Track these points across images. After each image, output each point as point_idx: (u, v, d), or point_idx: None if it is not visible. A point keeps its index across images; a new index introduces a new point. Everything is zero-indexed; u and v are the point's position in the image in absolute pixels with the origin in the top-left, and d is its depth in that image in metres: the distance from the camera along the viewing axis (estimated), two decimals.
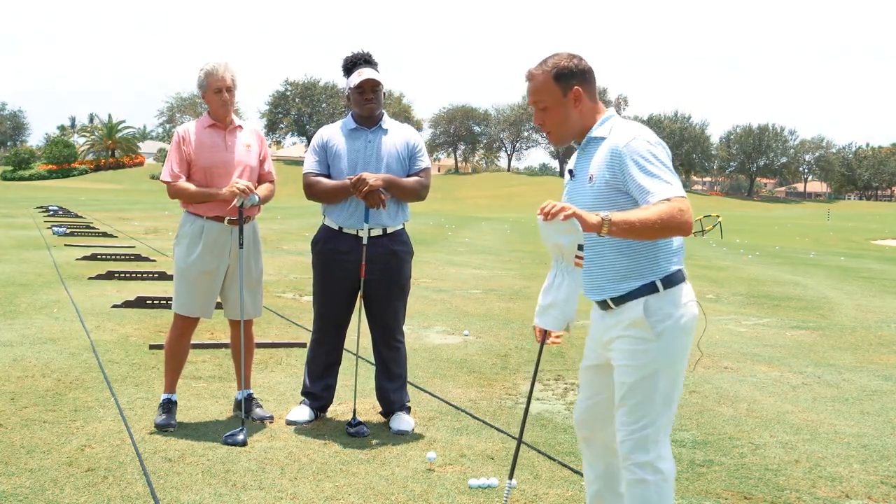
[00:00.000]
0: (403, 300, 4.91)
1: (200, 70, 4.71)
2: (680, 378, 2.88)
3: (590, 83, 2.95)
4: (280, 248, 16.92)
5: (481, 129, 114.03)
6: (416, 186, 4.77)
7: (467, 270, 13.83)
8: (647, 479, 2.80)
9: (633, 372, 2.83)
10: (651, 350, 2.81)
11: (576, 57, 2.94)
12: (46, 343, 6.71)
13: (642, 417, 2.81)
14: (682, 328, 2.83)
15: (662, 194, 2.68)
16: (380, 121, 4.80)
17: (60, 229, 18.15)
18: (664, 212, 2.65)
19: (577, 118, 2.94)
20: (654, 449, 2.81)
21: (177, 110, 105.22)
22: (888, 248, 32.08)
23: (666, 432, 2.86)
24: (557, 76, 2.90)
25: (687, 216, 2.67)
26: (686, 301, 2.86)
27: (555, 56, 2.95)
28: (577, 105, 2.92)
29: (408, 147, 4.81)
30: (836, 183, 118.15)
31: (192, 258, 4.71)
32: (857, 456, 4.63)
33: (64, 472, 3.91)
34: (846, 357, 7.53)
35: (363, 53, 4.80)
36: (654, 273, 2.84)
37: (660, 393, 2.82)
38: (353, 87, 4.72)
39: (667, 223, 2.65)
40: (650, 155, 2.75)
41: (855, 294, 12.81)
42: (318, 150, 4.81)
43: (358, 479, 3.99)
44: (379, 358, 4.92)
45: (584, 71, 2.93)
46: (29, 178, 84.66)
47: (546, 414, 5.25)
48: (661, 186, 2.70)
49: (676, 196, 2.68)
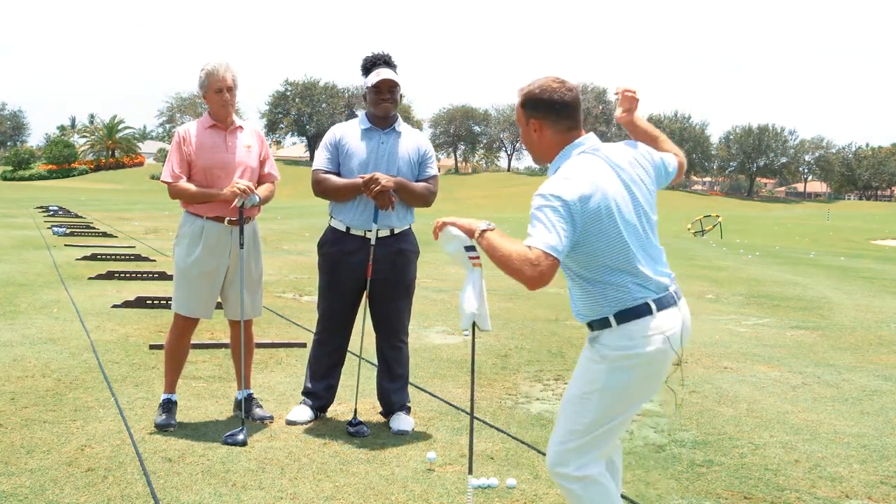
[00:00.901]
0: (408, 300, 4.91)
1: (201, 70, 4.71)
2: (618, 409, 2.82)
3: (557, 116, 2.85)
4: (280, 248, 16.93)
5: (481, 129, 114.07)
6: (424, 192, 4.77)
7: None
8: (571, 489, 2.84)
9: (576, 386, 2.88)
10: (596, 372, 2.82)
11: (557, 90, 2.84)
12: (46, 343, 6.71)
13: (570, 433, 2.84)
14: (630, 360, 2.78)
15: (530, 241, 2.65)
16: (394, 123, 4.80)
17: (60, 229, 18.15)
18: (515, 253, 2.63)
19: (540, 145, 2.93)
20: (574, 460, 2.82)
21: (177, 110, 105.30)
22: (888, 248, 32.07)
23: (594, 446, 2.84)
24: (524, 103, 2.90)
25: (524, 268, 2.60)
26: (645, 335, 2.77)
27: (539, 81, 2.89)
28: (538, 134, 2.90)
29: (419, 152, 4.81)
30: (836, 183, 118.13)
31: (192, 258, 4.71)
32: (857, 456, 4.63)
33: (64, 472, 3.92)
34: (846, 357, 7.53)
35: (383, 54, 4.80)
36: (607, 309, 2.81)
37: (591, 414, 2.81)
38: (370, 87, 4.72)
39: (509, 263, 2.64)
40: (536, 209, 2.70)
41: (855, 294, 12.81)
42: (329, 148, 4.80)
43: (358, 479, 3.99)
44: (381, 357, 4.93)
45: (553, 103, 2.83)
46: (29, 178, 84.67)
47: (546, 414, 5.25)
48: (530, 237, 2.67)
49: (537, 248, 2.62)
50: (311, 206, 47.04)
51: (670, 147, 3.17)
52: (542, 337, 7.84)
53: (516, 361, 6.76)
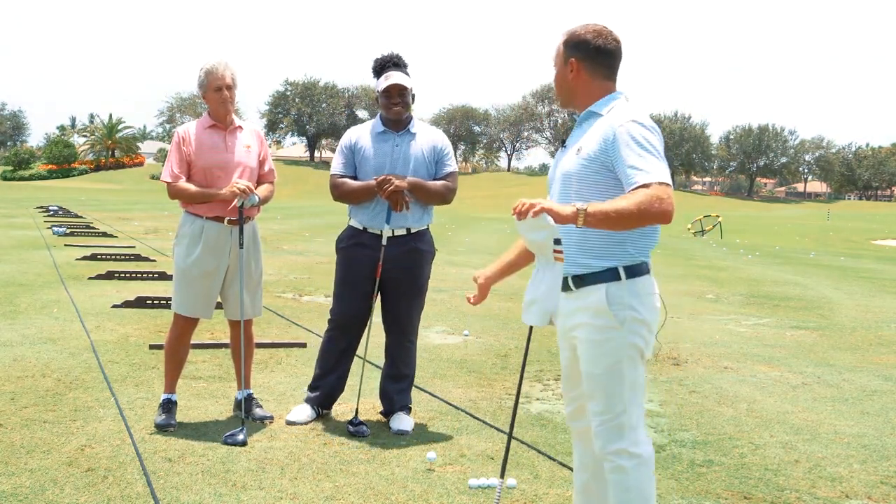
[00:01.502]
0: (420, 300, 4.89)
1: (200, 69, 4.71)
2: (643, 365, 2.90)
3: (596, 61, 2.93)
4: (280, 248, 16.93)
5: (481, 129, 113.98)
6: (441, 190, 4.76)
7: (467, 270, 13.84)
8: (624, 466, 2.82)
9: (599, 362, 2.85)
10: (614, 338, 2.82)
11: (601, 35, 2.93)
12: (46, 343, 6.70)
13: (614, 406, 2.83)
14: (643, 319, 2.85)
15: (644, 179, 2.67)
16: (408, 124, 4.78)
17: (60, 229, 18.14)
18: (642, 201, 2.63)
19: (573, 87, 2.98)
20: (629, 435, 2.83)
21: (177, 110, 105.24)
22: (888, 248, 32.07)
23: (640, 416, 2.87)
24: (566, 43, 2.97)
25: (665, 205, 2.64)
26: (648, 293, 2.87)
27: (587, 24, 2.98)
28: (575, 76, 2.95)
29: (434, 151, 4.79)
30: (836, 183, 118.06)
31: (192, 258, 4.71)
32: (857, 456, 4.63)
33: (64, 472, 3.91)
34: (846, 357, 7.53)
35: (393, 55, 4.77)
36: (619, 258, 2.84)
37: (627, 380, 2.84)
38: (380, 91, 4.70)
39: (644, 213, 2.64)
40: (642, 139, 2.75)
41: (855, 294, 12.81)
42: (345, 152, 4.79)
43: (358, 479, 3.99)
44: (389, 355, 4.91)
45: (598, 48, 2.91)
46: (29, 178, 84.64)
47: (546, 414, 5.25)
48: (645, 170, 2.69)
49: (657, 182, 2.66)
50: (311, 206, 47.07)
51: None
52: (542, 337, 7.83)
53: (516, 361, 6.76)
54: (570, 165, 2.90)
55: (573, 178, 2.86)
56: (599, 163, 2.81)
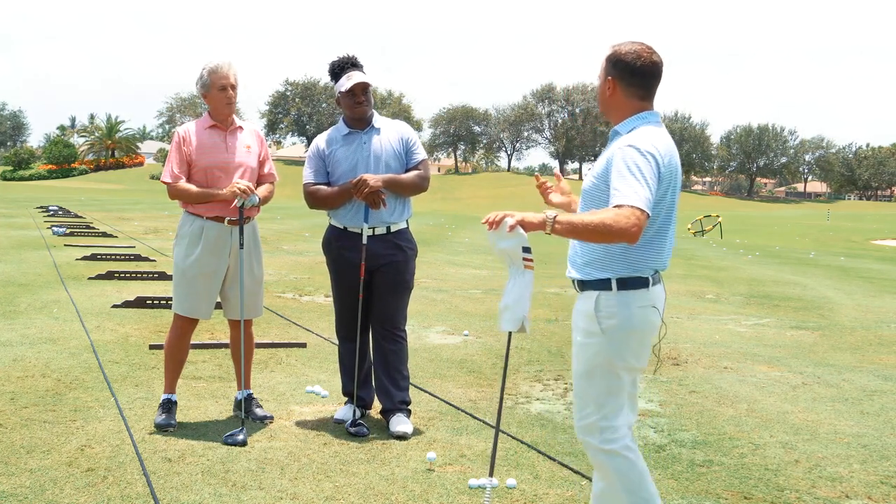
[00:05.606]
0: (406, 295, 4.92)
1: (203, 69, 4.71)
2: (621, 375, 2.94)
3: (631, 82, 2.96)
4: (280, 248, 16.93)
5: (481, 129, 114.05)
6: (416, 180, 4.82)
7: (467, 270, 13.82)
8: (600, 461, 2.96)
9: (579, 363, 3.00)
10: (594, 345, 2.93)
11: (640, 56, 2.95)
12: (46, 343, 6.70)
13: (585, 407, 2.97)
14: (626, 330, 2.90)
15: (618, 200, 2.74)
16: (371, 121, 4.83)
17: (60, 229, 18.14)
18: (606, 218, 2.71)
19: (609, 104, 3.05)
20: (601, 433, 2.94)
21: (177, 110, 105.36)
22: (888, 248, 32.08)
23: (614, 413, 2.95)
24: (608, 58, 3.02)
25: (627, 224, 2.68)
26: (640, 305, 2.91)
27: (629, 43, 3.00)
28: (611, 93, 3.02)
29: (402, 142, 4.86)
30: (836, 183, 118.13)
31: (192, 259, 4.71)
32: (857, 456, 4.63)
33: (64, 472, 3.91)
34: (846, 357, 7.53)
35: (349, 57, 4.84)
36: (615, 270, 2.92)
37: (599, 386, 2.94)
38: (343, 92, 4.74)
39: (607, 229, 2.70)
40: (633, 163, 2.81)
41: (855, 294, 12.81)
42: (315, 160, 4.85)
43: (358, 479, 3.99)
44: (380, 352, 4.90)
45: (633, 69, 2.95)
46: (29, 178, 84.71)
47: (546, 414, 5.25)
48: (623, 193, 2.75)
49: (628, 205, 2.72)
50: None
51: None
52: (541, 337, 7.84)
53: (516, 361, 6.76)
54: (587, 181, 3.04)
55: (586, 193, 3.00)
56: (604, 181, 2.92)
